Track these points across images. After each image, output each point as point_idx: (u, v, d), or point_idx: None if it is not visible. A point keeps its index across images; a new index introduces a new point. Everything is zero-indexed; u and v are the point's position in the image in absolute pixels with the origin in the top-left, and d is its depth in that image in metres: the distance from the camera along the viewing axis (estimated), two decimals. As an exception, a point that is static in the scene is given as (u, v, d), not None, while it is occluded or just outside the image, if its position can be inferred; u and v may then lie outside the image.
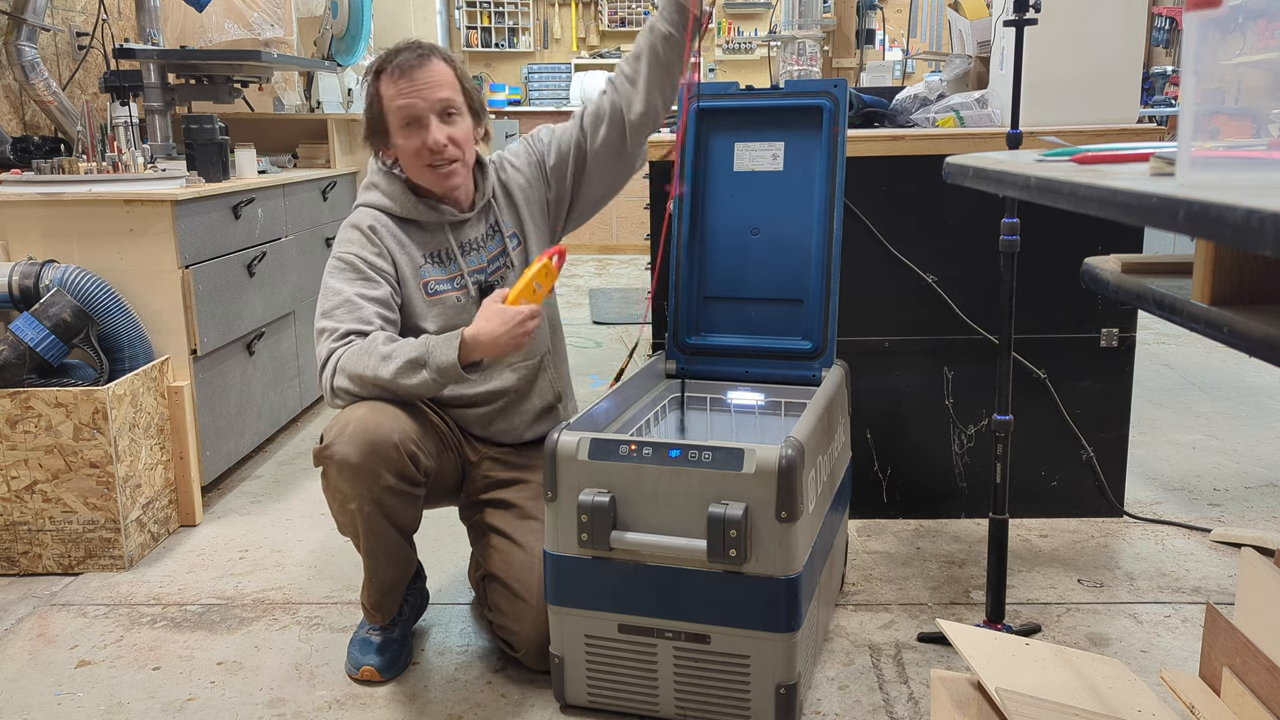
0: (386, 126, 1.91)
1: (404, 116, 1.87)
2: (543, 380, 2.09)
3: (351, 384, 1.81)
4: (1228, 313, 0.85)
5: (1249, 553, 1.35)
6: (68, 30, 3.56)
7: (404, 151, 1.91)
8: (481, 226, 2.02)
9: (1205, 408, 3.58)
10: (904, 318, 2.55)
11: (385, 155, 1.97)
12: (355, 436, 1.74)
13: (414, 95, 1.87)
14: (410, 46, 1.91)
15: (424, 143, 1.88)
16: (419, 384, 1.77)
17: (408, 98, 1.87)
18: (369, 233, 1.93)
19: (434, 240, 1.98)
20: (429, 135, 1.87)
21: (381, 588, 1.93)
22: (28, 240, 2.57)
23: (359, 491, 1.77)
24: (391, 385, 1.78)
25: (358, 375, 1.79)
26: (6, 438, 2.34)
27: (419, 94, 1.87)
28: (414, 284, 1.95)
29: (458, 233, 2.00)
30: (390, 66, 1.88)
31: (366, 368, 1.78)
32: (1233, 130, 0.85)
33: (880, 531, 2.59)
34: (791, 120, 2.13)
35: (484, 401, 2.03)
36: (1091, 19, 2.39)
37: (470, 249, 2.00)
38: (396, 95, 1.87)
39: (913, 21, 4.59)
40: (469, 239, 2.01)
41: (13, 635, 2.14)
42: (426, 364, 1.76)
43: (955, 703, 1.49)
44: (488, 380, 2.01)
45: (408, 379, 1.77)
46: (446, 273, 1.97)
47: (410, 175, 1.95)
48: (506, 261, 2.03)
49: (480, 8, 8.33)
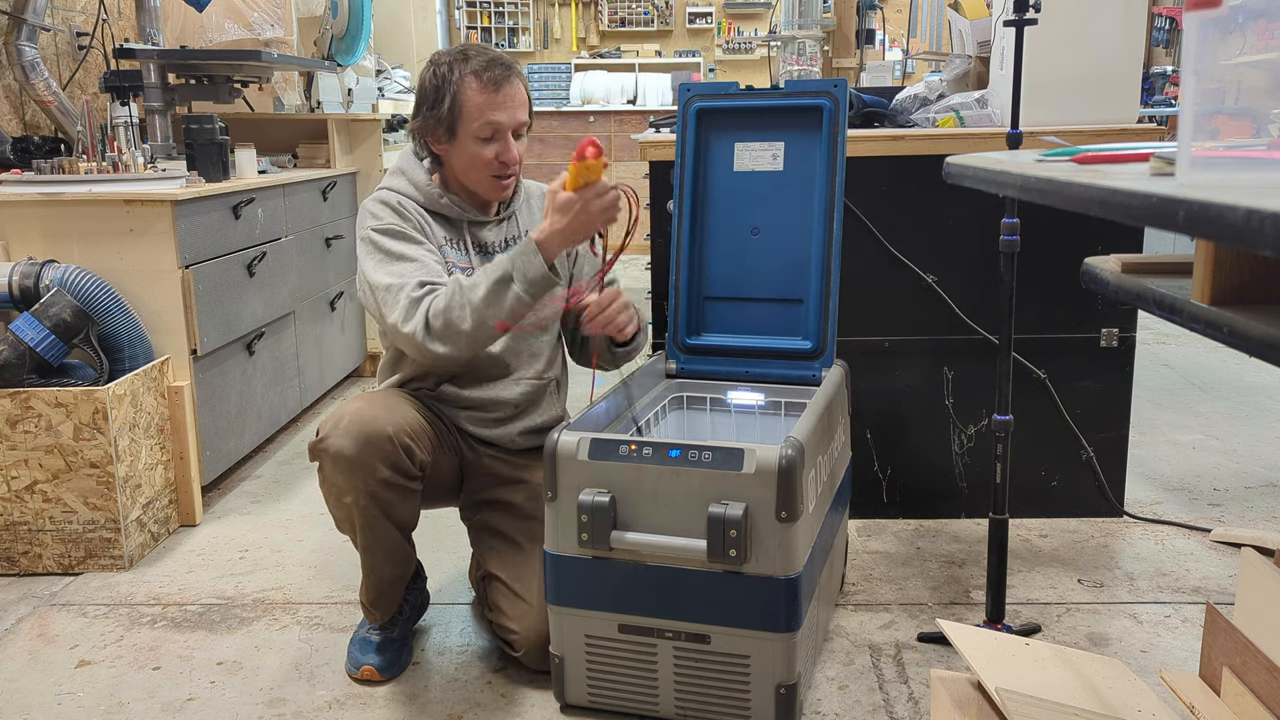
0: (459, 128, 1.91)
1: (489, 129, 1.90)
2: (546, 400, 2.10)
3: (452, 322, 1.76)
4: (1228, 313, 0.85)
5: (1249, 553, 1.35)
6: (68, 30, 3.56)
7: (472, 156, 1.92)
8: (500, 233, 2.05)
9: (1205, 408, 3.58)
10: (904, 318, 2.55)
11: (436, 148, 1.96)
12: (350, 429, 1.75)
13: (502, 110, 1.90)
14: (501, 61, 1.93)
15: (497, 155, 1.92)
16: (513, 301, 1.74)
17: (499, 111, 1.90)
18: (399, 207, 1.93)
19: (454, 231, 2.00)
20: (507, 150, 1.92)
21: (379, 585, 1.93)
22: (28, 240, 2.57)
23: (354, 484, 1.77)
24: (487, 310, 1.74)
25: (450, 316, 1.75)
26: (6, 438, 2.34)
27: (507, 110, 1.91)
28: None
29: (475, 232, 2.02)
30: (484, 75, 1.89)
31: (456, 304, 1.75)
32: (1233, 130, 0.85)
33: (880, 531, 2.59)
34: (791, 120, 2.13)
35: (486, 408, 2.03)
36: (1091, 19, 2.39)
37: (482, 251, 2.02)
38: (487, 106, 1.89)
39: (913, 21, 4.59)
40: (486, 241, 2.03)
41: (13, 635, 2.15)
42: (513, 278, 1.75)
43: (955, 703, 1.49)
44: (494, 388, 2.02)
45: (500, 300, 1.74)
46: (463, 261, 1.99)
47: (463, 177, 1.97)
48: None
49: (480, 8, 8.33)
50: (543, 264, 1.75)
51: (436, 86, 1.92)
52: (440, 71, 1.93)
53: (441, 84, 1.92)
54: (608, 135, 7.57)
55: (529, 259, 1.75)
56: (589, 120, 7.57)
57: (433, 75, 1.94)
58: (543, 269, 1.75)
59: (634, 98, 7.90)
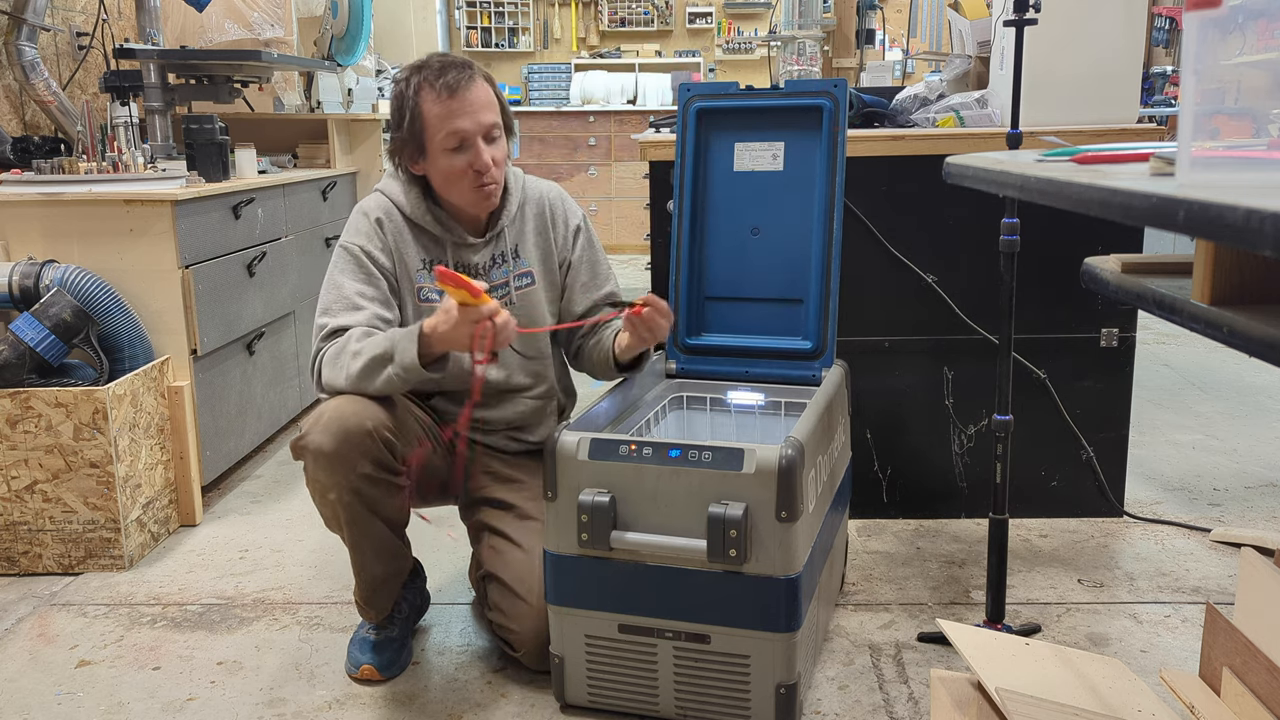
0: (426, 143, 1.87)
1: (455, 139, 1.85)
2: (545, 423, 2.11)
3: (331, 380, 1.82)
4: (1228, 313, 0.85)
5: (1249, 553, 1.35)
6: (68, 30, 3.56)
7: (446, 170, 1.88)
8: (487, 253, 2.00)
9: (1205, 408, 3.58)
10: (904, 318, 2.55)
11: (414, 168, 1.93)
12: (329, 426, 1.75)
13: (464, 117, 1.84)
14: (455, 64, 1.87)
15: (470, 164, 1.87)
16: (385, 381, 1.77)
17: (458, 119, 1.84)
18: (376, 225, 1.93)
19: (436, 250, 1.97)
20: (479, 158, 1.86)
21: (370, 582, 1.93)
22: (28, 240, 2.57)
23: (336, 481, 1.77)
24: (361, 383, 1.78)
25: (334, 371, 1.81)
26: (6, 438, 2.34)
27: (468, 115, 1.84)
28: (409, 287, 1.95)
29: (459, 253, 1.98)
30: (438, 84, 1.84)
31: (340, 365, 1.81)
32: (1233, 130, 0.85)
33: (880, 531, 2.59)
34: (791, 120, 2.13)
35: (479, 422, 2.04)
36: (1091, 19, 2.39)
37: (467, 272, 1.98)
38: (446, 116, 1.84)
39: (913, 21, 4.59)
40: (469, 262, 1.99)
41: (13, 635, 2.14)
42: (392, 359, 1.76)
43: (955, 703, 1.49)
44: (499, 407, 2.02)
45: (375, 376, 1.77)
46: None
47: (446, 194, 1.93)
48: (506, 296, 2.01)
49: (480, 8, 8.33)
50: (416, 355, 1.73)
51: (399, 105, 1.88)
52: (399, 88, 1.88)
53: (402, 101, 1.87)
54: (608, 135, 7.57)
55: (407, 346, 1.74)
56: (589, 120, 7.57)
57: (395, 93, 1.90)
58: (415, 359, 1.73)
59: (634, 98, 7.89)
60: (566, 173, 7.55)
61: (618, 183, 7.58)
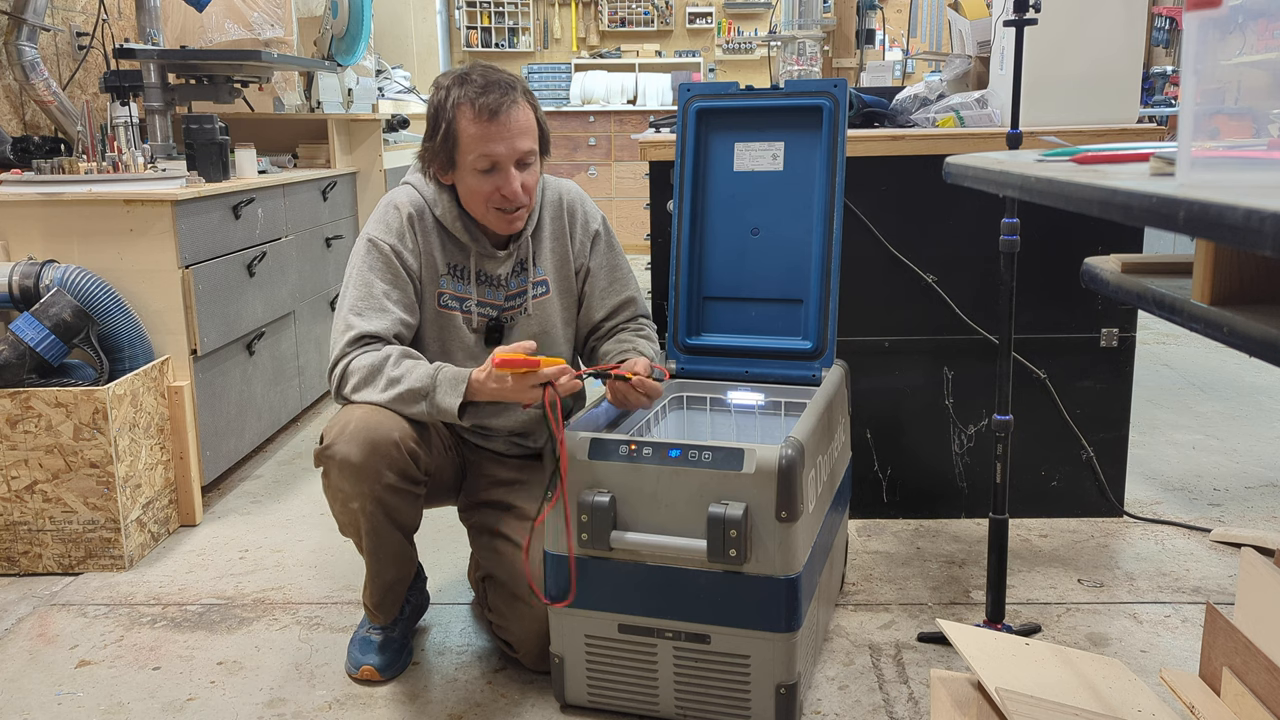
0: (457, 159, 1.85)
1: (486, 161, 1.82)
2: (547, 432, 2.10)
3: (361, 398, 1.81)
4: (1228, 313, 0.85)
5: (1249, 553, 1.35)
6: (68, 30, 3.56)
7: (472, 188, 1.86)
8: (509, 264, 1.99)
9: (1205, 408, 3.58)
10: (904, 318, 2.55)
11: (443, 179, 1.90)
12: (356, 436, 1.74)
13: (499, 142, 1.80)
14: (499, 84, 1.82)
15: (497, 189, 1.84)
16: (415, 413, 1.79)
17: (493, 144, 1.80)
18: (408, 224, 1.90)
19: (460, 255, 1.96)
20: (508, 184, 1.84)
21: (383, 587, 1.93)
22: (28, 240, 2.57)
23: (360, 490, 1.77)
24: (391, 405, 1.79)
25: (367, 389, 1.80)
26: (6, 438, 2.34)
27: (504, 141, 1.81)
28: (430, 289, 1.94)
29: (483, 263, 1.97)
30: (478, 103, 1.80)
31: (375, 385, 1.79)
32: (1233, 130, 0.85)
33: (880, 531, 2.59)
34: (791, 120, 2.12)
35: (480, 431, 2.04)
36: (1091, 19, 2.39)
37: (488, 282, 1.97)
38: (481, 138, 1.80)
39: (913, 21, 4.59)
40: (491, 273, 1.98)
41: (13, 635, 2.14)
42: (427, 397, 1.77)
43: (955, 703, 1.49)
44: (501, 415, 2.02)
45: (406, 405, 1.78)
46: (461, 292, 1.96)
47: (469, 208, 1.92)
48: (523, 306, 2.00)
49: (480, 8, 8.33)
50: (456, 404, 1.74)
51: (435, 114, 1.85)
52: (438, 97, 1.85)
53: (438, 112, 1.84)
54: (608, 135, 7.57)
55: (448, 392, 1.75)
56: (589, 120, 7.57)
57: (433, 101, 1.86)
58: (454, 410, 1.74)
59: (634, 98, 7.90)
60: (567, 173, 7.55)
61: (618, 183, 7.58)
